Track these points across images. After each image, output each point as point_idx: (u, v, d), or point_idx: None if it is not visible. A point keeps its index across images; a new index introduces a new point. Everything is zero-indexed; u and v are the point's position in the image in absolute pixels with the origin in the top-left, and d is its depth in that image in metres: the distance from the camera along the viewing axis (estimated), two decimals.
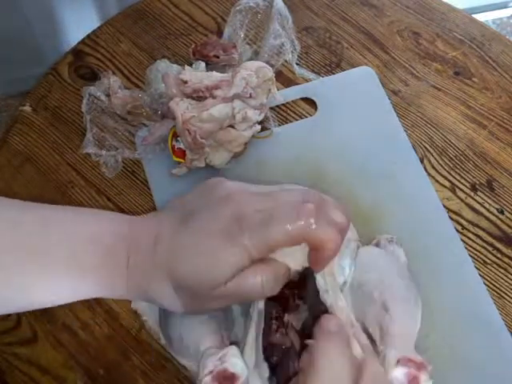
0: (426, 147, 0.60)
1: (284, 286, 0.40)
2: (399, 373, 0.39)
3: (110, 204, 0.57)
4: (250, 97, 0.54)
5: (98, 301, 0.52)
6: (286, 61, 0.64)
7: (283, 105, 0.62)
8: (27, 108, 0.63)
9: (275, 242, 0.37)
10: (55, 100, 0.63)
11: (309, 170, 0.58)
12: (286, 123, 0.61)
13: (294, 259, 0.40)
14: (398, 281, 0.46)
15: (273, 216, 0.37)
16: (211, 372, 0.36)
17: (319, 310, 0.41)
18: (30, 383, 0.50)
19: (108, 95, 0.61)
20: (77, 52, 0.67)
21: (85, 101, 0.60)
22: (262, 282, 0.38)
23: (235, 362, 0.37)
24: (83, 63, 0.66)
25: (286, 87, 0.63)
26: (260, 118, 0.56)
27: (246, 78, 0.54)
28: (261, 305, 0.40)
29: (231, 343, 0.42)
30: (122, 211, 0.57)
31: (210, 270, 0.37)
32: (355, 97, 0.62)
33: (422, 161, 0.59)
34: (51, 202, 0.57)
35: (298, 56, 0.65)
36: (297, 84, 0.63)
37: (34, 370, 0.50)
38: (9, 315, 0.52)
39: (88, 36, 0.68)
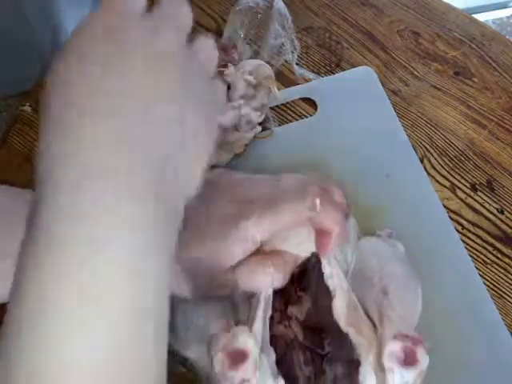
0: (426, 147, 0.60)
1: None
2: (395, 346, 0.38)
3: None
4: (253, 97, 0.55)
5: None
6: (286, 61, 0.64)
7: (283, 105, 0.62)
8: (27, 108, 0.63)
9: (281, 223, 0.37)
10: None
11: (309, 170, 0.57)
12: (286, 123, 0.61)
13: (301, 247, 0.40)
14: (398, 268, 0.46)
15: (278, 197, 0.37)
16: (222, 349, 0.36)
17: (322, 298, 0.41)
18: None
19: None
20: None
21: None
22: (271, 275, 0.38)
23: (246, 339, 0.36)
24: None
25: (286, 87, 0.63)
26: (261, 119, 0.57)
27: (246, 79, 0.54)
28: (269, 292, 0.40)
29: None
30: None
31: (216, 255, 0.37)
32: (355, 97, 0.62)
33: (422, 161, 0.59)
34: None
35: (298, 56, 0.65)
36: (297, 84, 0.63)
37: None
38: None
39: None
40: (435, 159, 0.59)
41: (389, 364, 0.37)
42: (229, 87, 0.54)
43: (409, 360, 0.37)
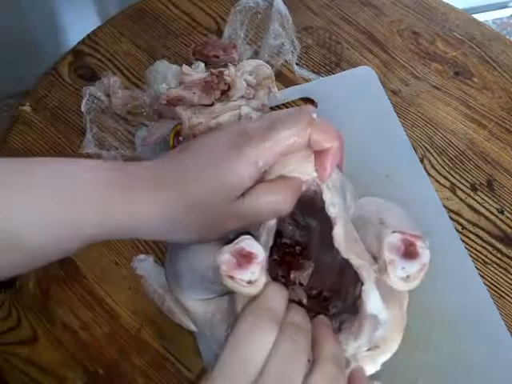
0: (426, 147, 0.60)
1: (289, 245, 0.42)
2: (394, 238, 0.36)
3: None
4: (253, 97, 0.55)
5: (98, 301, 0.52)
6: (286, 61, 0.64)
7: (283, 105, 0.62)
8: (27, 108, 0.63)
9: (281, 144, 0.38)
10: (55, 100, 0.63)
11: None
12: None
13: (304, 171, 0.40)
14: (396, 207, 0.45)
15: (275, 121, 0.39)
16: (229, 250, 0.35)
17: (323, 263, 0.43)
18: (30, 383, 0.50)
19: (108, 95, 0.61)
20: (77, 52, 0.66)
21: (85, 101, 0.60)
22: (276, 198, 0.39)
23: (251, 243, 0.35)
24: (83, 63, 0.66)
25: (286, 87, 0.63)
26: None
27: (246, 79, 0.54)
28: (271, 223, 0.40)
29: None
30: None
31: (225, 181, 0.38)
32: (355, 97, 0.62)
33: (422, 161, 0.59)
34: None
35: (298, 56, 0.65)
36: (297, 84, 0.63)
37: (34, 369, 0.50)
38: (9, 315, 0.52)
39: (88, 36, 0.68)
40: (435, 159, 0.59)
41: (389, 255, 0.35)
42: (229, 87, 0.54)
43: (409, 252, 0.35)
